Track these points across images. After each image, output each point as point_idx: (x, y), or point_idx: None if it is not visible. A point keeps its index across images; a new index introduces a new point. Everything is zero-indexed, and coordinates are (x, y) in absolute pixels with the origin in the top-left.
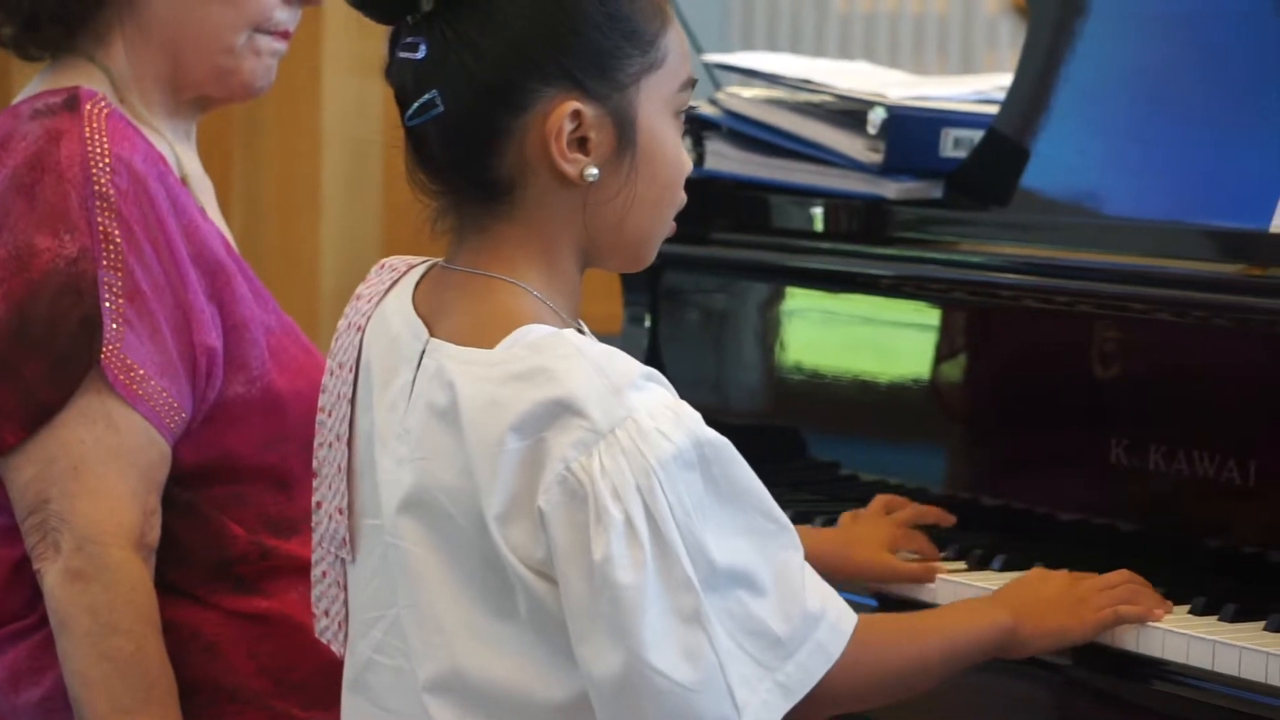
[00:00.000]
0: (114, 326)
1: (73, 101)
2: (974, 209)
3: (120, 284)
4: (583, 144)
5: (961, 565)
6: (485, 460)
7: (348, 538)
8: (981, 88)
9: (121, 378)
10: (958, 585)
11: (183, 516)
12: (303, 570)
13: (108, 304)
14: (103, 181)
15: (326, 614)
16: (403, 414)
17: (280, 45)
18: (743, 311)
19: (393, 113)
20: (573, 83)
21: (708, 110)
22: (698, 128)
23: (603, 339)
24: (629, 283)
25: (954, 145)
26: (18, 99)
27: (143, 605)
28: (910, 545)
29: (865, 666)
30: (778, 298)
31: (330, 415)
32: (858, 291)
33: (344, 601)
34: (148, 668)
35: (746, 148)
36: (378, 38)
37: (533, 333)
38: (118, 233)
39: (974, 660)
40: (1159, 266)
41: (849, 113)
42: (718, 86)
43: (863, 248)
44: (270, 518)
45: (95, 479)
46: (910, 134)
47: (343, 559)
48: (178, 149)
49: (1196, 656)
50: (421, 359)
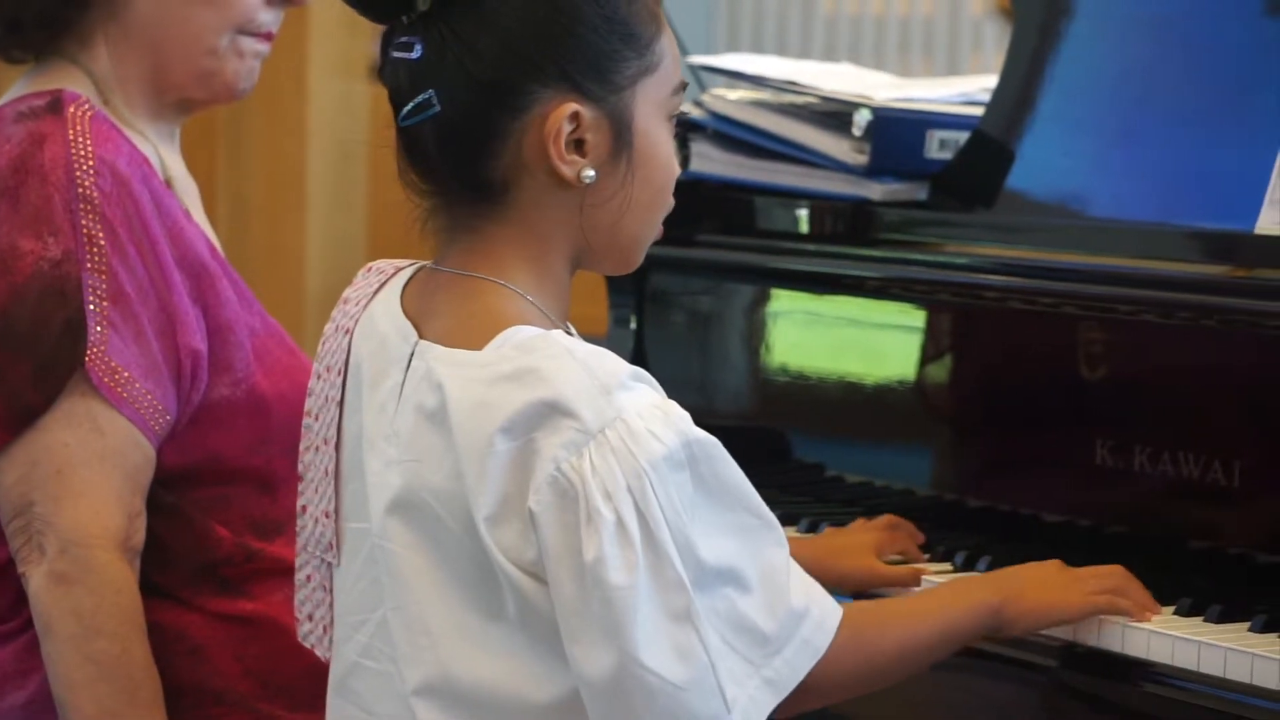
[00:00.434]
0: (98, 329)
1: (56, 104)
2: (959, 210)
3: (104, 286)
4: (579, 146)
5: (947, 567)
6: (475, 462)
7: (334, 541)
8: (966, 89)
9: (106, 380)
10: None
11: (167, 519)
12: (288, 572)
13: (92, 306)
14: (86, 184)
15: (310, 618)
16: (392, 416)
17: (263, 47)
18: (728, 313)
19: (379, 114)
20: (571, 85)
21: (693, 112)
22: (683, 129)
23: (588, 341)
24: (615, 284)
25: (939, 147)
26: (1, 102)
27: (128, 608)
28: (895, 548)
29: (852, 658)
30: (763, 299)
31: (317, 419)
32: (843, 293)
33: (329, 605)
34: (133, 670)
35: (732, 149)
36: (362, 39)
37: (521, 333)
38: (102, 235)
39: (962, 642)
40: (1144, 268)
41: (834, 114)
42: (703, 88)
43: (848, 249)
44: (255, 520)
45: (80, 482)
46: (895, 136)
47: (329, 563)
48: (161, 151)
49: (1182, 657)
50: (410, 361)
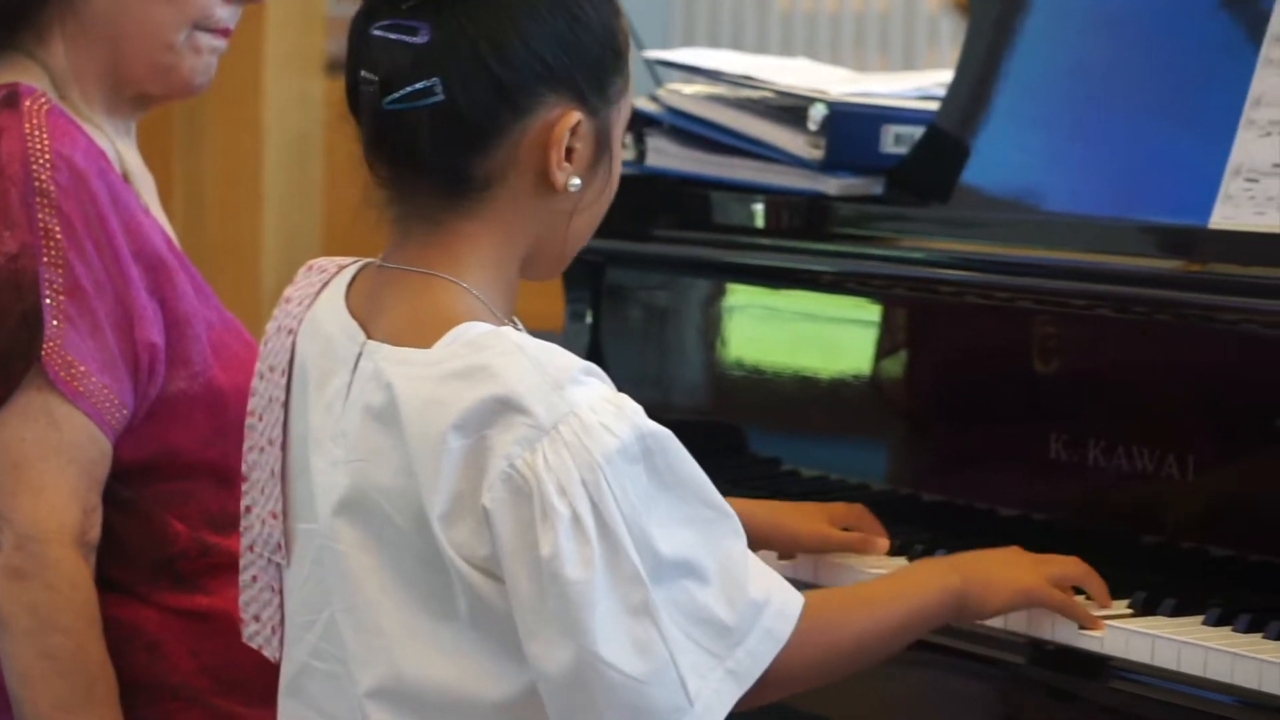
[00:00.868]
0: (55, 323)
1: (12, 98)
2: (914, 205)
3: (61, 280)
4: (568, 154)
5: (903, 561)
6: (427, 459)
7: (282, 542)
8: (922, 84)
9: (63, 374)
10: None
11: (123, 513)
12: None
13: (48, 300)
14: (43, 178)
15: (257, 619)
16: (339, 416)
17: (220, 43)
18: (684, 308)
19: (334, 109)
20: (576, 94)
21: (649, 107)
22: (639, 124)
23: (544, 337)
24: (570, 280)
25: (895, 142)
26: None
27: (83, 603)
28: (851, 520)
29: (815, 647)
30: (719, 294)
31: (261, 419)
32: (799, 287)
33: (278, 606)
34: (88, 666)
35: (688, 144)
36: (318, 35)
37: (471, 330)
38: (58, 229)
39: (927, 627)
40: (1099, 262)
41: (790, 109)
42: (659, 83)
43: (804, 244)
44: (211, 514)
45: (36, 476)
46: (851, 130)
47: (277, 563)
48: (118, 145)
49: (1136, 651)
50: (358, 362)
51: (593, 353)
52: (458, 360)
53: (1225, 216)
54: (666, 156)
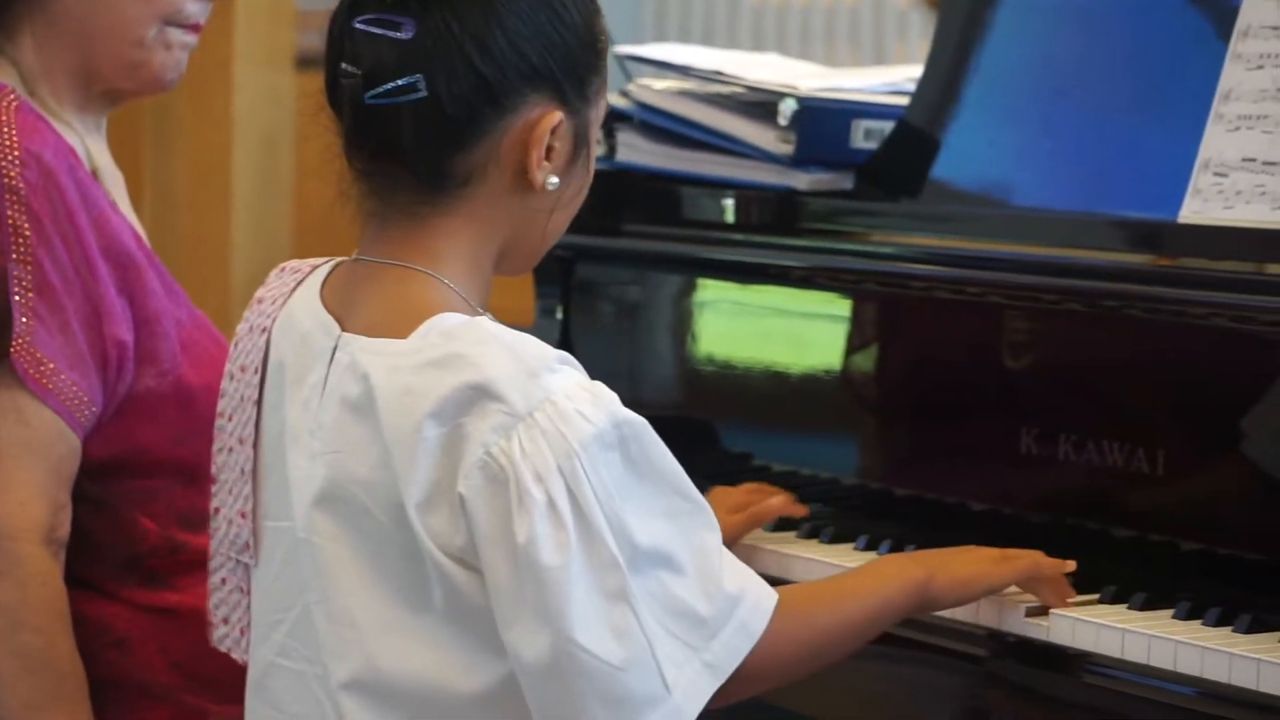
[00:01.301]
0: (23, 320)
1: None
2: (885, 200)
3: (30, 277)
4: (548, 153)
5: (872, 555)
6: (404, 449)
7: (250, 541)
8: (892, 79)
9: (31, 371)
10: None
11: (93, 511)
12: None
13: (17, 297)
14: (12, 175)
15: (225, 621)
16: (316, 410)
17: (190, 38)
18: (654, 303)
19: (304, 106)
20: (558, 93)
21: (619, 102)
22: (609, 119)
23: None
24: (541, 275)
25: (865, 136)
26: None
27: (52, 601)
28: (749, 499)
29: (789, 642)
30: (689, 289)
31: (231, 419)
32: (769, 283)
33: (245, 607)
34: (58, 664)
35: (658, 139)
36: (288, 30)
37: (446, 320)
38: (27, 226)
39: (894, 619)
40: (1069, 257)
41: (760, 104)
42: (629, 78)
43: (774, 239)
44: (181, 512)
45: (5, 474)
46: (821, 125)
47: (245, 564)
48: (88, 142)
49: (1106, 645)
50: (334, 354)
51: (563, 348)
52: (434, 350)
53: (1194, 211)
54: (637, 151)
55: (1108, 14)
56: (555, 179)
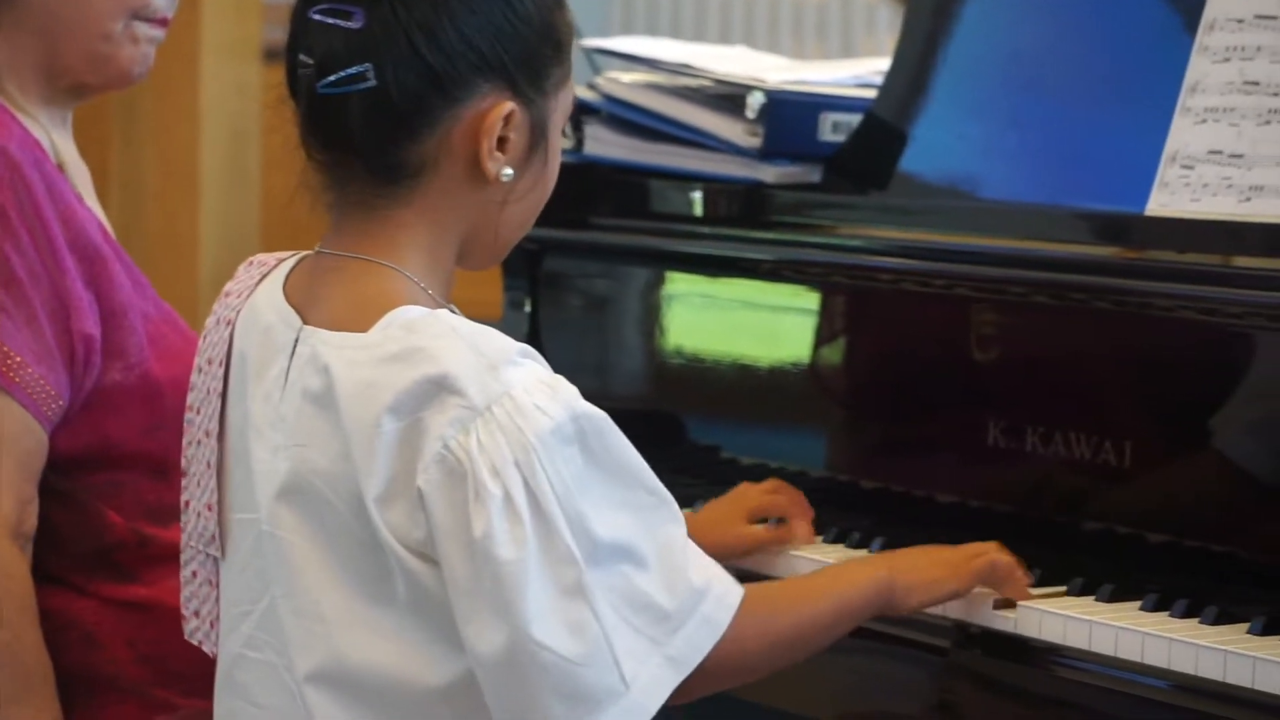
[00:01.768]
0: None
1: None
2: (852, 193)
3: None
4: (501, 144)
5: (840, 548)
6: (363, 442)
7: (217, 534)
8: (860, 72)
9: None
10: None
11: (60, 504)
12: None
13: None
14: None
15: (197, 614)
16: (278, 403)
17: (158, 32)
18: (623, 296)
19: (271, 98)
20: (510, 84)
21: (587, 95)
22: (577, 112)
23: (483, 324)
24: (509, 267)
25: (832, 129)
26: None
27: (19, 595)
28: (776, 512)
29: (752, 638)
30: (658, 282)
31: (199, 412)
32: (737, 275)
33: (215, 600)
34: (25, 658)
35: (626, 132)
36: (254, 23)
37: (407, 314)
38: None
39: (857, 620)
40: (1036, 249)
41: (728, 97)
42: (597, 71)
43: (742, 232)
44: (149, 505)
45: None
46: (788, 118)
47: (213, 556)
48: (54, 136)
49: (1073, 637)
50: (295, 347)
51: (531, 341)
52: (394, 343)
53: (1161, 203)
54: (605, 145)
55: (1074, 7)
56: (509, 170)
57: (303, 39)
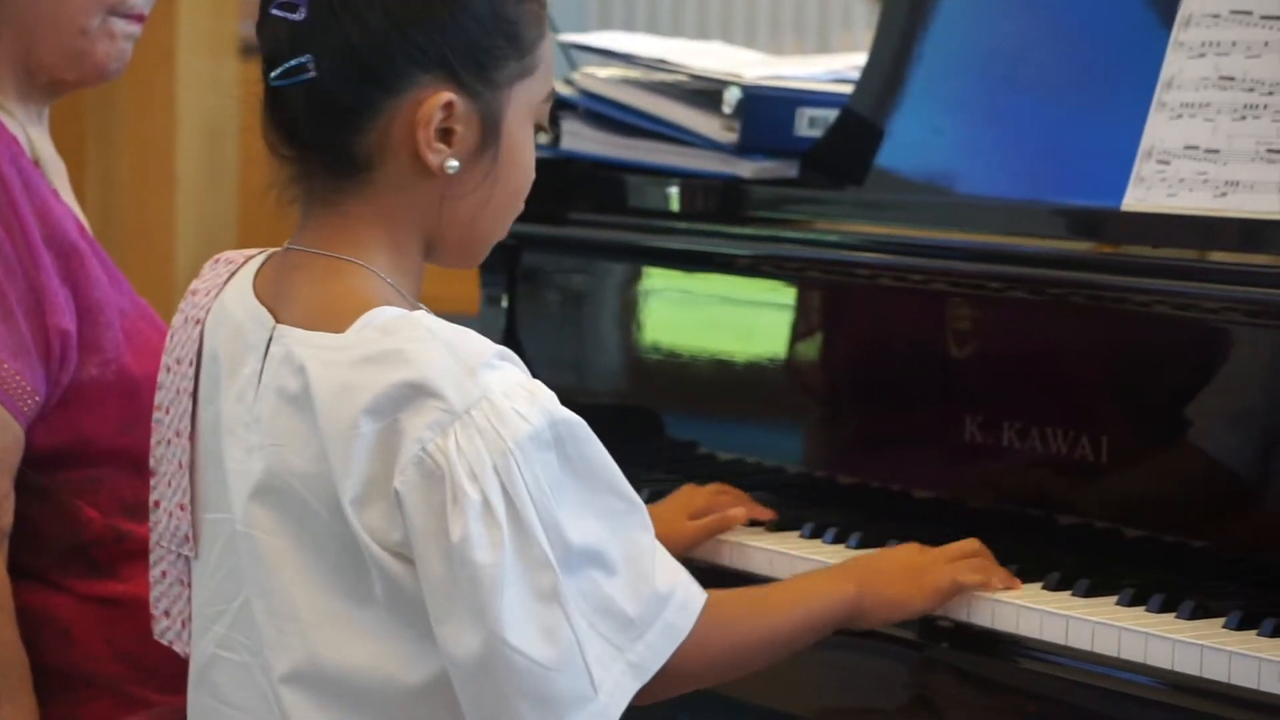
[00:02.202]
0: None
1: None
2: (829, 188)
3: None
4: (447, 135)
5: (817, 543)
6: (339, 444)
7: (190, 534)
8: (836, 67)
9: None
10: (813, 564)
11: (36, 500)
12: None
13: None
14: None
15: (167, 614)
16: (251, 403)
17: (134, 28)
18: (600, 292)
19: (248, 93)
20: (450, 74)
21: (564, 90)
22: (554, 108)
23: (460, 320)
24: (486, 263)
25: (809, 125)
26: None
27: None
28: (710, 503)
29: (715, 644)
30: (635, 278)
31: (168, 412)
32: (714, 271)
33: (186, 600)
34: (2, 654)
35: (603, 128)
36: (230, 17)
37: (383, 315)
38: None
39: (821, 633)
40: (1013, 245)
41: (704, 92)
42: (574, 66)
43: (719, 227)
44: (125, 501)
45: None
46: (765, 113)
47: (185, 556)
48: (30, 131)
49: (1050, 632)
50: (268, 346)
51: (509, 337)
52: (370, 345)
53: (1137, 198)
54: (581, 140)
55: (1050, 3)
56: (455, 163)
57: (261, 32)
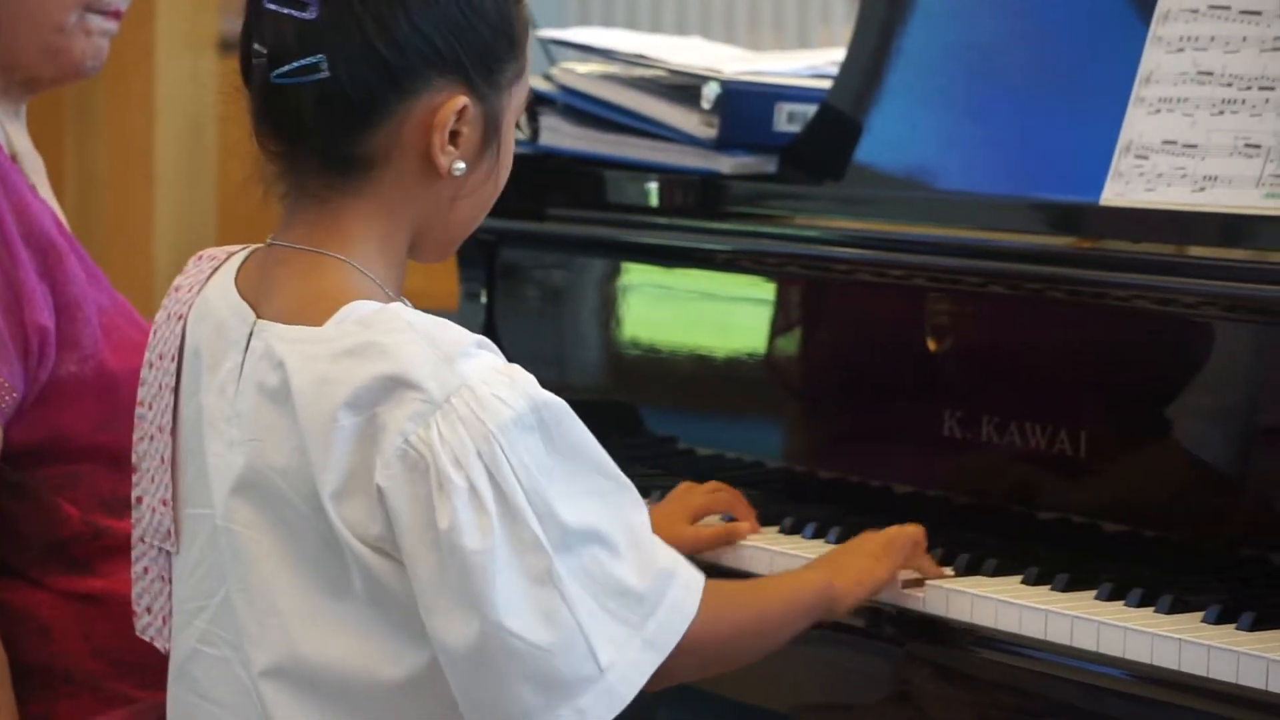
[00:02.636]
0: None
1: None
2: (808, 183)
3: None
4: (454, 137)
5: (797, 538)
6: (318, 438)
7: (172, 529)
8: (815, 63)
9: None
10: (793, 559)
11: (15, 497)
12: None
13: None
14: None
15: (149, 610)
16: (232, 398)
17: (111, 25)
18: (579, 287)
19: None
20: (464, 78)
21: (543, 86)
22: (533, 103)
23: (440, 316)
24: (465, 259)
25: (788, 120)
26: None
27: None
28: (718, 509)
29: (717, 626)
30: (614, 273)
31: (150, 408)
32: (693, 266)
33: (168, 596)
34: None
35: (582, 123)
36: (210, 13)
37: (361, 308)
38: None
39: (805, 622)
40: (992, 240)
41: (683, 88)
42: (553, 62)
43: (698, 223)
44: (104, 497)
45: None
46: (744, 109)
47: (167, 551)
48: (8, 128)
49: (1029, 626)
50: (249, 341)
51: (488, 332)
52: (349, 338)
53: (1116, 193)
54: (561, 135)
55: None
56: (462, 165)
57: (257, 28)
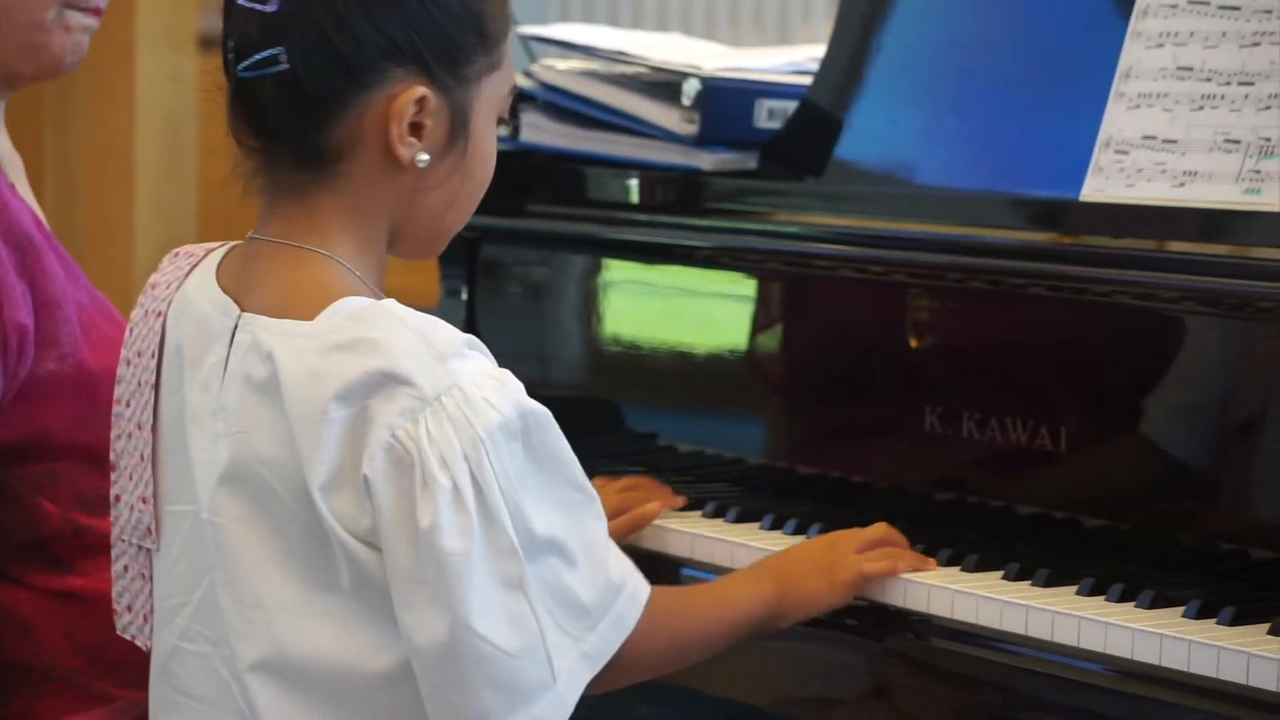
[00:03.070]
0: None
1: None
2: (789, 180)
3: None
4: (417, 129)
5: (778, 535)
6: (308, 430)
7: (152, 526)
8: (796, 59)
9: None
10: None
11: None
12: None
13: None
14: None
15: (129, 609)
16: (217, 392)
17: (91, 21)
18: (560, 284)
19: (207, 87)
20: (423, 69)
21: (523, 82)
22: (513, 100)
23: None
24: (446, 255)
25: (768, 116)
26: None
27: None
28: (635, 504)
29: (659, 636)
30: (594, 270)
31: (129, 405)
32: (674, 263)
33: (148, 594)
34: None
35: (562, 120)
36: (189, 11)
37: (353, 304)
38: None
39: (748, 633)
40: (972, 236)
41: (664, 84)
42: (533, 58)
43: (679, 219)
44: (84, 495)
45: None
46: (725, 105)
47: (147, 549)
48: None
49: (1010, 621)
50: (234, 335)
51: (468, 329)
52: (340, 333)
53: (1096, 189)
54: (541, 132)
55: None
56: (425, 156)
57: (228, 23)
